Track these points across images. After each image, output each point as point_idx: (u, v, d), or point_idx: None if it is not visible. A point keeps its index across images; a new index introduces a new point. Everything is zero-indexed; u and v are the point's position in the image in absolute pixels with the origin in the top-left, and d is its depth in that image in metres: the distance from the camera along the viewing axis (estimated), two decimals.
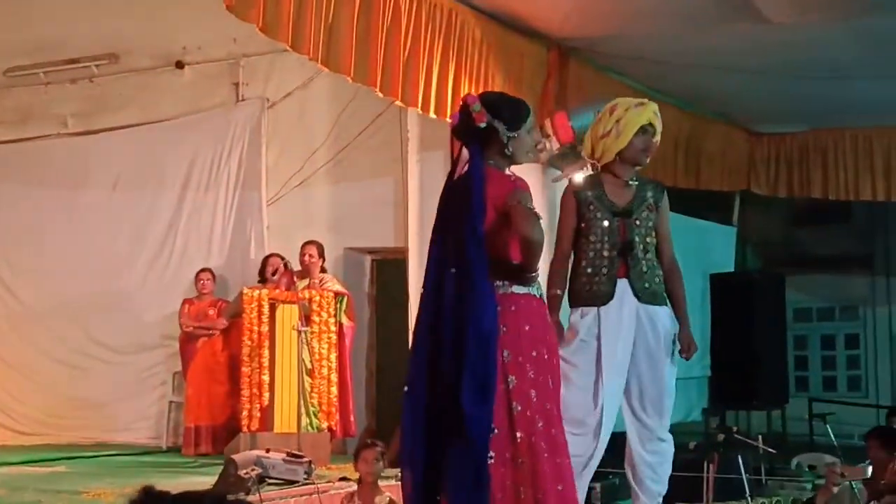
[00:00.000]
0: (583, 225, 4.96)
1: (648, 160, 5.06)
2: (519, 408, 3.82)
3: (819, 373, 13.24)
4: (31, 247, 10.50)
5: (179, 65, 9.98)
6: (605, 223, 4.92)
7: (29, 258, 10.52)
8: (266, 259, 8.79)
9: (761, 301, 10.39)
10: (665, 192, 5.11)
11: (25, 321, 10.53)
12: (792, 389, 11.33)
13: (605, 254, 4.91)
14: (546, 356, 3.94)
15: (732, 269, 11.10)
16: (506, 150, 3.96)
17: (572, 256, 5.02)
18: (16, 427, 10.30)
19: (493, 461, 3.74)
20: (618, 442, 5.07)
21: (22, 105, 10.76)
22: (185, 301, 9.20)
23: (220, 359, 8.94)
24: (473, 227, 3.77)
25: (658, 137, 5.04)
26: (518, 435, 3.80)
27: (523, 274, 3.91)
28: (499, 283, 3.88)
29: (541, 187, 8.12)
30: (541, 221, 3.86)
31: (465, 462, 3.66)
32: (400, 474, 4.11)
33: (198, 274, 9.24)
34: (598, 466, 5.01)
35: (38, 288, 10.46)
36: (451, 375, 3.69)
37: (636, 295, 4.90)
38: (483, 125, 3.92)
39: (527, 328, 3.90)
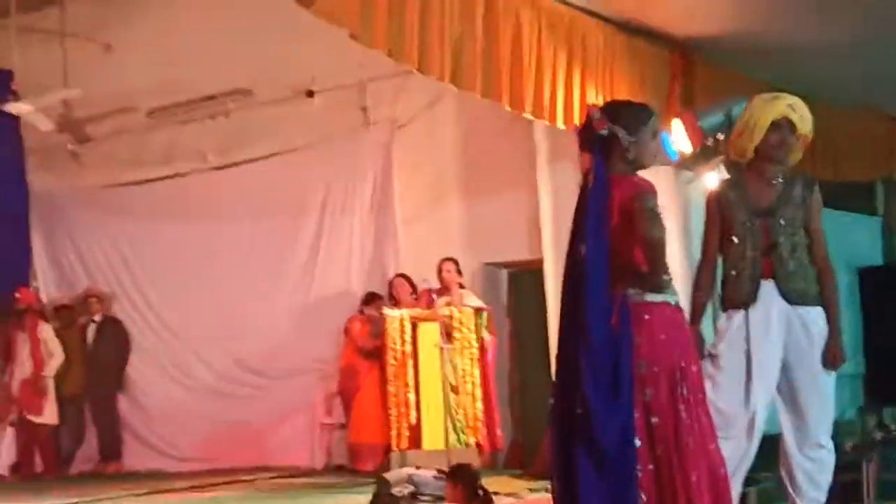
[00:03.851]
0: (726, 227, 4.89)
1: (791, 156, 4.93)
2: (657, 420, 3.78)
3: None
4: (178, 278, 10.88)
5: (310, 94, 10.18)
6: (747, 223, 4.84)
7: (177, 289, 10.91)
8: (391, 281, 8.94)
9: None
10: (816, 188, 4.95)
11: (176, 350, 10.94)
12: None
13: (749, 255, 4.82)
14: (683, 365, 3.88)
15: (881, 262, 10.74)
16: (627, 155, 3.95)
17: (722, 260, 4.94)
18: (175, 454, 10.68)
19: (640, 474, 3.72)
20: (771, 444, 4.95)
21: (164, 144, 11.16)
22: (352, 319, 9.26)
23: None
24: (593, 234, 3.79)
25: (802, 131, 4.90)
26: (658, 449, 3.77)
27: (653, 278, 3.86)
28: (631, 291, 3.85)
29: (674, 190, 8.05)
30: (664, 222, 3.84)
31: (604, 474, 3.64)
32: (550, 487, 4.12)
33: (373, 295, 9.27)
34: (750, 471, 4.92)
35: (187, 317, 10.84)
36: (576, 385, 3.70)
37: (784, 296, 4.77)
38: (604, 132, 3.93)
39: (662, 337, 3.85)
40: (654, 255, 3.81)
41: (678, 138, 7.10)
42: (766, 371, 4.77)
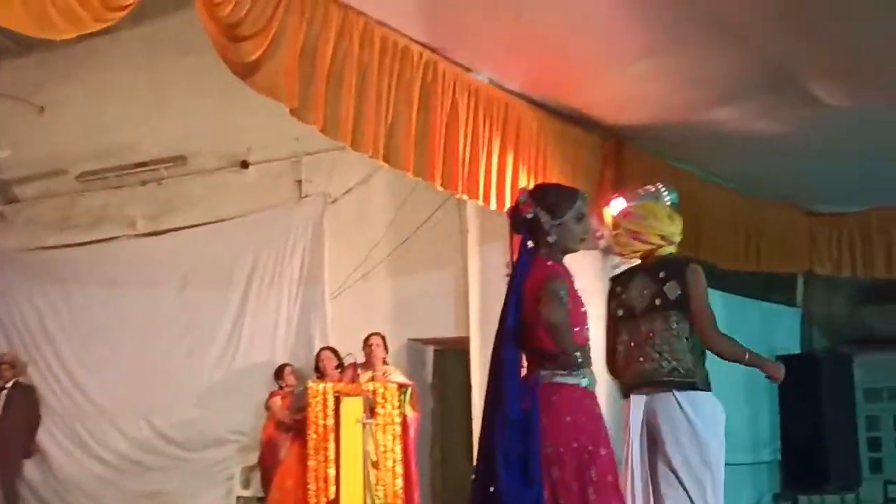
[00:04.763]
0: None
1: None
2: (563, 502, 3.78)
3: (894, 454, 12.93)
4: (101, 345, 10.71)
5: (244, 164, 10.23)
6: (620, 312, 4.91)
7: (99, 356, 10.73)
8: (318, 353, 8.92)
9: (829, 382, 10.25)
10: (688, 267, 4.84)
11: (92, 418, 10.71)
12: (866, 472, 11.07)
13: (622, 343, 4.88)
14: (591, 448, 3.86)
15: (799, 351, 10.98)
16: (548, 239, 4.00)
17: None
18: None
19: None
20: None
21: (93, 208, 11.07)
22: (273, 393, 9.22)
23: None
24: (509, 315, 3.86)
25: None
26: None
27: (562, 360, 3.88)
28: (544, 372, 3.88)
29: (601, 274, 8.17)
30: (576, 304, 3.92)
31: None
32: None
33: (282, 367, 9.30)
34: None
35: (108, 385, 10.65)
36: (492, 461, 3.75)
37: (648, 383, 4.78)
38: (529, 215, 3.99)
39: (567, 419, 3.85)
40: (557, 338, 3.82)
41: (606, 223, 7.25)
42: (641, 458, 4.84)
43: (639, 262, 5.04)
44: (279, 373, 9.27)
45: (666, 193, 5.23)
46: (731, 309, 9.95)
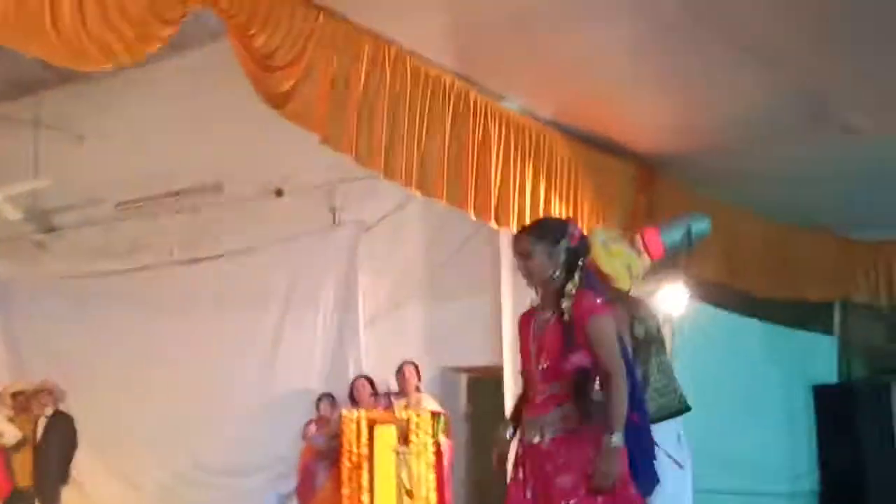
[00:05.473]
0: None
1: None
2: None
3: None
4: (138, 371, 10.78)
5: (279, 192, 10.29)
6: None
7: (137, 382, 10.80)
8: (353, 382, 8.94)
9: (867, 411, 10.14)
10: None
11: (132, 444, 10.77)
12: None
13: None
14: None
15: (836, 380, 10.86)
16: None
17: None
18: None
19: None
20: None
21: (131, 236, 11.17)
22: (310, 422, 9.27)
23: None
24: None
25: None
26: None
27: None
28: None
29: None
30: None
31: None
32: None
33: (319, 398, 9.34)
34: None
35: (145, 411, 10.71)
36: None
37: None
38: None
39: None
40: None
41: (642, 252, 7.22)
42: None
43: None
44: (321, 399, 9.29)
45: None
46: (766, 338, 9.91)
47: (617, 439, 3.99)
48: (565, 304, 4.16)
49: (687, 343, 7.77)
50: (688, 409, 5.07)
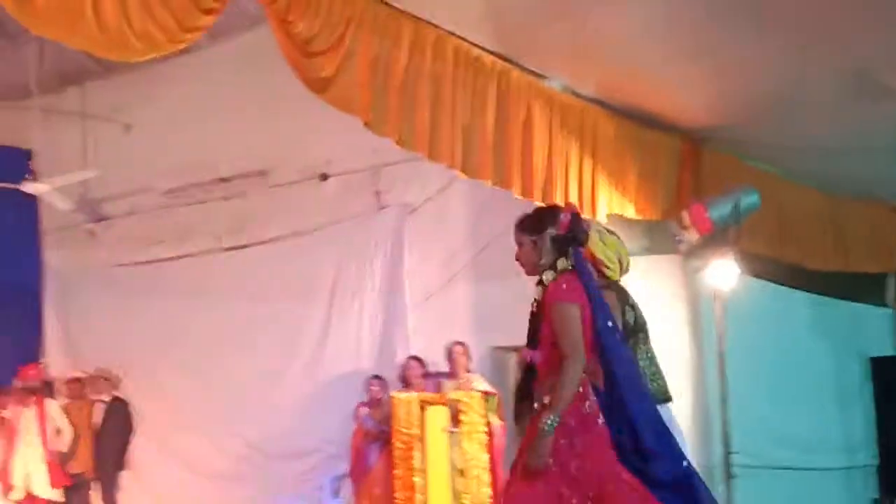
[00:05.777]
0: None
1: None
2: None
3: None
4: (190, 357, 10.89)
5: (324, 177, 10.31)
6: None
7: (189, 368, 10.91)
8: (404, 363, 8.95)
9: None
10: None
11: (186, 429, 10.90)
12: None
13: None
14: None
15: (891, 353, 10.71)
16: None
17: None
18: None
19: None
20: None
21: (180, 223, 11.25)
22: (360, 404, 9.28)
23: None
24: None
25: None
26: None
27: None
28: None
29: (683, 278, 8.09)
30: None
31: None
32: None
33: (369, 380, 9.39)
34: None
35: (198, 397, 10.82)
36: None
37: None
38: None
39: None
40: None
41: (689, 227, 7.17)
42: None
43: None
44: (368, 383, 9.32)
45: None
46: (818, 310, 9.80)
47: (551, 421, 4.03)
48: (538, 293, 4.34)
49: (738, 318, 7.70)
50: (670, 399, 5.09)
